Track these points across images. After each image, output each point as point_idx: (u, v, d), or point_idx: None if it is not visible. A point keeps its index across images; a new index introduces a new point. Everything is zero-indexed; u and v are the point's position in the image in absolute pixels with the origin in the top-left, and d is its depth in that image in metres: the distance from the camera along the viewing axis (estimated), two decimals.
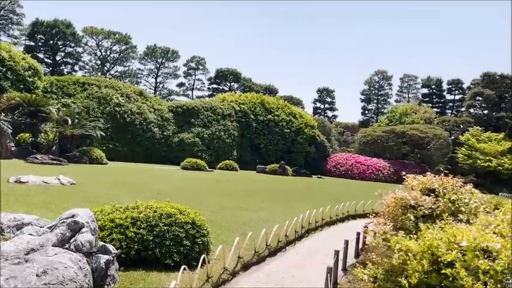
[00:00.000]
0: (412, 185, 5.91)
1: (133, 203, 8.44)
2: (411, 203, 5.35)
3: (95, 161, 30.57)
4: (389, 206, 5.59)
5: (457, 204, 5.24)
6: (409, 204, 5.40)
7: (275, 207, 15.99)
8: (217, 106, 47.07)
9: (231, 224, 11.71)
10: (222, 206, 14.88)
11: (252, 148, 47.91)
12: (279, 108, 50.75)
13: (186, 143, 42.18)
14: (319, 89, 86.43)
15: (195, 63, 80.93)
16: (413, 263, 3.65)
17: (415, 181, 5.95)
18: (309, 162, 49.31)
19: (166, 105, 46.39)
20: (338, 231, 14.17)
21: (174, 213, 7.98)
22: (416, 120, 65.70)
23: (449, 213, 5.07)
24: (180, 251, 7.55)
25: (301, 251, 10.82)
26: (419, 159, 56.00)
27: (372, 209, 19.11)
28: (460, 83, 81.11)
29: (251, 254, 9.07)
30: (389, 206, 5.62)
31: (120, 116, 40.52)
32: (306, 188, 26.18)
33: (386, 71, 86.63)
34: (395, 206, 5.49)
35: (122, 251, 7.23)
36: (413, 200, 5.32)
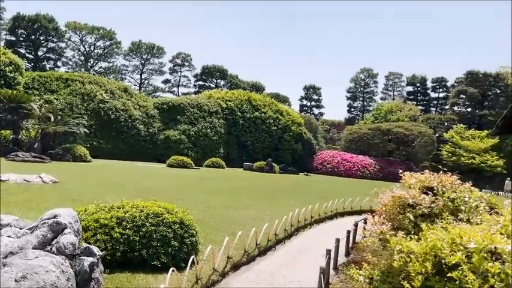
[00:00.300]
0: (410, 183, 5.76)
1: (118, 202, 8.14)
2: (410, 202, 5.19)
3: (79, 159, 29.95)
4: (387, 205, 5.43)
5: (457, 202, 5.11)
6: (407, 203, 5.25)
7: (263, 205, 15.81)
8: (204, 103, 46.64)
9: (219, 223, 11.48)
10: (210, 204, 14.63)
11: (239, 145, 47.65)
12: (266, 106, 50.57)
13: (172, 140, 41.69)
14: (306, 86, 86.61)
15: (180, 59, 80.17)
16: (416, 265, 3.49)
17: (412, 179, 5.80)
18: (296, 160, 49.29)
19: (152, 102, 45.76)
20: (327, 229, 14.06)
21: (162, 212, 7.71)
22: (401, 117, 66.29)
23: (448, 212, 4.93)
24: (167, 251, 7.29)
25: (291, 249, 10.65)
26: (404, 156, 56.50)
27: (360, 206, 19.17)
28: (444, 81, 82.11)
29: (241, 254, 8.86)
30: (386, 204, 5.46)
31: (105, 113, 39.80)
32: (293, 186, 26.07)
33: (372, 69, 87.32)
34: (393, 205, 5.34)
35: (106, 253, 6.94)
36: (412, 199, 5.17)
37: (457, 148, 57.72)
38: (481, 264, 3.04)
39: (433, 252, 3.52)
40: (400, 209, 5.31)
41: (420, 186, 5.51)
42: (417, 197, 5.17)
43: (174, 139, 41.77)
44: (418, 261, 3.50)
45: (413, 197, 5.19)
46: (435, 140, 57.18)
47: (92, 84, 41.71)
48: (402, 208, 5.29)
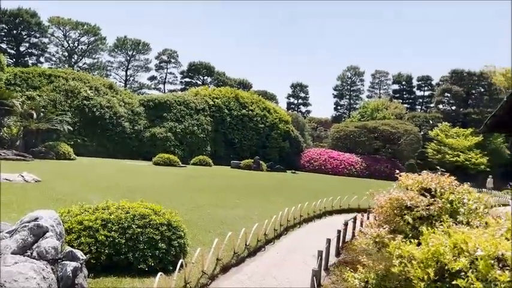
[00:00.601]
0: (407, 184, 5.61)
1: (103, 203, 7.85)
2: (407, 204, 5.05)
3: (62, 157, 29.35)
4: (383, 206, 5.27)
5: (455, 204, 4.98)
6: (404, 205, 5.10)
7: (252, 204, 15.62)
8: (191, 100, 46.18)
9: (207, 223, 11.25)
10: (197, 203, 14.37)
11: (226, 143, 47.36)
12: (254, 103, 50.34)
13: (158, 138, 41.17)
14: (293, 84, 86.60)
15: (167, 56, 79.32)
16: (418, 272, 3.34)
17: (409, 180, 5.65)
18: (283, 158, 49.23)
19: (138, 99, 45.12)
20: (316, 228, 13.95)
21: (148, 214, 7.46)
22: (387, 115, 66.77)
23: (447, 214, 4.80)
24: (155, 254, 7.04)
25: (280, 250, 10.49)
26: (390, 154, 56.90)
27: (348, 204, 19.13)
28: (430, 80, 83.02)
29: (230, 255, 8.65)
30: (383, 206, 5.30)
31: (89, 110, 39.07)
32: (281, 184, 25.95)
33: (358, 67, 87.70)
34: (390, 207, 5.18)
35: (91, 256, 6.67)
36: (410, 201, 5.02)
37: (442, 146, 58.41)
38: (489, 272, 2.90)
39: (435, 257, 3.38)
40: (397, 211, 5.16)
41: (418, 187, 5.36)
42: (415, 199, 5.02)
43: (160, 137, 41.26)
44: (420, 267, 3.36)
45: (411, 199, 5.04)
46: (420, 138, 57.75)
47: (76, 80, 40.91)
48: (399, 210, 5.15)
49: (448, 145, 57.77)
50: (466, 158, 55.52)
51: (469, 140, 57.20)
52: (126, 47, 74.35)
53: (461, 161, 55.40)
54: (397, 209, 5.16)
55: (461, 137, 58.40)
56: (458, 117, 67.65)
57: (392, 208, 5.19)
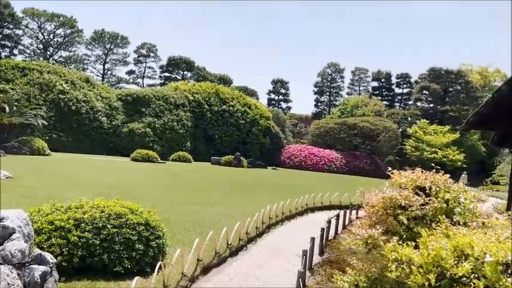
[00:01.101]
0: (400, 182, 5.38)
1: (77, 202, 7.40)
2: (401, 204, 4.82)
3: (37, 152, 28.35)
4: (376, 206, 5.03)
5: (451, 204, 4.79)
6: (398, 205, 4.88)
7: (233, 201, 15.30)
8: (170, 95, 45.36)
9: (187, 222, 10.87)
10: (177, 201, 13.97)
11: (207, 139, 46.79)
12: (234, 99, 49.87)
13: (136, 133, 40.28)
14: (274, 80, 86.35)
15: (145, 50, 77.82)
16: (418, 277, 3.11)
17: (402, 178, 5.42)
18: (264, 154, 49.00)
19: (115, 93, 43.98)
20: (298, 226, 13.76)
21: (125, 213, 7.06)
22: (366, 112, 67.35)
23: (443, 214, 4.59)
24: (131, 256, 6.65)
25: (263, 248, 10.22)
26: (369, 150, 57.38)
27: (329, 201, 19.04)
28: (408, 77, 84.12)
29: (211, 255, 8.33)
30: (374, 206, 5.06)
31: (65, 104, 37.88)
32: (262, 180, 25.70)
33: (338, 64, 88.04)
34: (383, 207, 4.95)
35: (62, 259, 6.24)
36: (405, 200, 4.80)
37: (420, 143, 59.28)
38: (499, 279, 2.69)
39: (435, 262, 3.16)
40: (390, 211, 4.94)
41: (412, 186, 5.14)
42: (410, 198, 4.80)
43: (139, 132, 40.40)
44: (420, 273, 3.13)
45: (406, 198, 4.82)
46: (399, 135, 58.44)
47: (51, 73, 39.58)
48: (393, 210, 4.92)
49: (426, 142, 58.67)
50: (443, 155, 56.51)
51: (446, 137, 58.23)
52: (103, 40, 72.52)
53: (439, 157, 56.32)
54: (390, 208, 4.93)
55: (439, 134, 59.40)
56: (436, 115, 68.76)
57: (384, 208, 4.95)
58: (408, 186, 5.16)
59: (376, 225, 4.94)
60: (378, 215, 5.03)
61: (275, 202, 16.33)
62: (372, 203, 5.20)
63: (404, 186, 5.22)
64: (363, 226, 5.06)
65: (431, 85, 68.88)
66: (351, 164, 51.69)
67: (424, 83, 71.81)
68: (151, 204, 12.69)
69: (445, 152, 56.66)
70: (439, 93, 68.80)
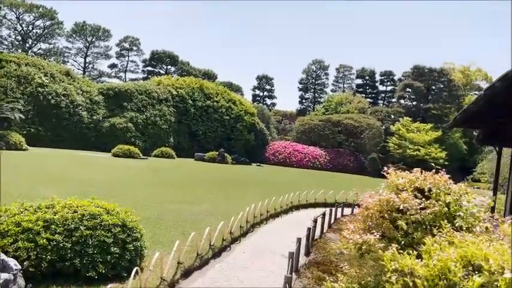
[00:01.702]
0: (398, 183, 5.02)
1: (47, 201, 6.88)
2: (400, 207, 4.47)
3: (13, 147, 27.33)
4: (371, 209, 4.68)
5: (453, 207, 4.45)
6: (396, 208, 4.53)
7: (216, 199, 14.88)
8: (153, 90, 44.52)
9: (168, 221, 10.41)
10: (158, 199, 13.47)
11: (190, 135, 46.14)
12: (219, 94, 49.30)
13: (117, 128, 39.39)
14: (259, 76, 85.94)
15: (128, 43, 76.35)
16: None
17: (400, 179, 5.06)
18: (248, 150, 48.65)
19: (96, 87, 42.91)
20: (283, 224, 13.43)
21: (100, 213, 6.57)
22: (350, 109, 67.51)
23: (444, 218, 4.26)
24: (106, 260, 6.17)
25: (247, 248, 9.83)
26: (353, 147, 57.53)
27: (314, 198, 18.77)
28: (392, 75, 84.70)
29: (193, 257, 7.90)
30: (369, 208, 4.70)
31: (44, 98, 36.75)
32: (246, 177, 25.30)
33: (323, 61, 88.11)
34: (379, 210, 4.59)
35: (29, 264, 5.74)
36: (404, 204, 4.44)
37: (403, 140, 59.68)
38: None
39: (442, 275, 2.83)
40: (387, 214, 4.59)
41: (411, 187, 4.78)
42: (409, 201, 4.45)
43: (120, 127, 39.52)
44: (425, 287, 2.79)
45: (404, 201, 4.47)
46: (383, 132, 58.76)
47: (30, 66, 38.31)
48: (390, 214, 4.57)
49: (409, 139, 59.11)
50: (426, 153, 57.02)
51: (429, 135, 58.78)
52: (85, 33, 70.82)
53: (422, 155, 56.82)
54: (387, 212, 4.58)
55: (421, 132, 59.91)
56: (418, 113, 69.37)
57: (380, 211, 4.60)
58: (406, 187, 4.82)
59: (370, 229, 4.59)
60: (373, 219, 4.68)
61: (260, 199, 15.97)
62: (366, 205, 4.85)
63: (402, 188, 4.87)
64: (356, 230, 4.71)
65: (414, 83, 69.41)
66: (334, 161, 51.75)
67: (407, 80, 72.31)
68: (132, 202, 12.20)
69: (428, 149, 57.20)
70: (422, 91, 69.39)
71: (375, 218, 4.67)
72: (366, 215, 4.79)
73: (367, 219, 4.77)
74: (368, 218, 4.75)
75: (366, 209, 4.83)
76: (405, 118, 63.09)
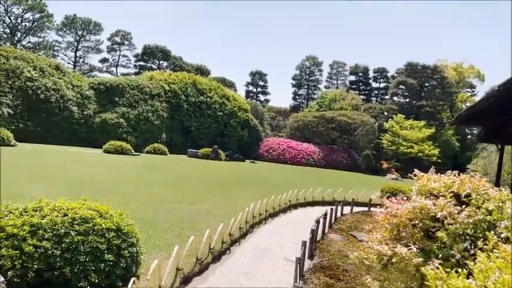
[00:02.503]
0: (431, 187, 4.51)
1: (35, 203, 6.32)
2: (436, 215, 3.97)
3: (1, 143, 26.47)
4: (401, 216, 4.17)
5: (495, 215, 3.97)
6: (431, 217, 4.03)
7: (213, 198, 14.36)
8: (145, 85, 43.72)
9: (164, 222, 9.88)
10: (153, 198, 12.91)
11: (183, 131, 45.46)
12: (212, 90, 48.62)
13: (109, 124, 38.60)
14: (252, 72, 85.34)
15: (120, 37, 75.14)
16: None
17: (434, 182, 4.54)
18: (242, 147, 48.15)
19: (87, 82, 41.94)
20: (283, 224, 12.98)
21: (92, 216, 6.03)
22: (344, 106, 67.29)
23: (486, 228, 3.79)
24: (99, 268, 5.64)
25: (247, 251, 9.35)
26: (347, 144, 57.33)
27: (312, 197, 18.35)
28: (385, 72, 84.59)
29: (192, 262, 7.40)
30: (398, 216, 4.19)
31: (33, 92, 35.76)
32: (242, 175, 24.80)
33: (317, 57, 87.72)
34: (411, 218, 4.09)
35: (14, 273, 5.19)
36: (442, 211, 3.93)
37: (396, 137, 59.61)
38: None
39: None
40: (422, 223, 4.09)
41: (448, 192, 4.27)
42: (449, 209, 3.95)
43: (112, 123, 38.73)
44: None
45: (442, 209, 3.97)
46: (376, 129, 58.58)
47: (18, 59, 37.25)
48: (424, 222, 4.07)
49: (402, 136, 59.05)
50: (419, 150, 57.00)
51: (422, 132, 58.75)
52: (75, 26, 69.46)
53: (415, 152, 56.81)
54: (421, 220, 4.09)
55: (415, 129, 59.88)
56: (412, 110, 69.36)
57: (411, 219, 4.09)
58: (443, 192, 4.31)
59: (400, 239, 4.11)
60: (404, 228, 4.17)
61: (257, 198, 15.50)
62: (394, 212, 4.34)
63: (438, 193, 4.38)
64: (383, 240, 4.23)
65: (408, 80, 69.35)
66: (328, 158, 51.45)
67: (401, 77, 72.23)
68: (125, 201, 11.64)
69: (421, 146, 57.19)
70: (416, 88, 69.38)
71: (407, 227, 4.17)
72: (394, 224, 4.30)
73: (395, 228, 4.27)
74: (396, 226, 4.26)
75: (392, 216, 4.34)
76: (398, 115, 63.02)
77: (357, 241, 10.98)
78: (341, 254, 9.19)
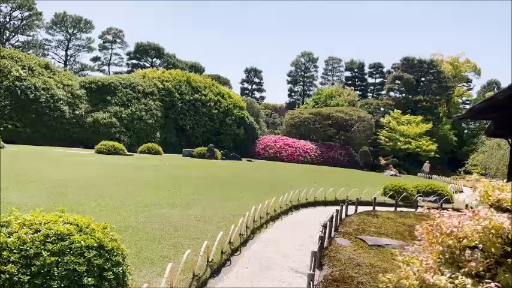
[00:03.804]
0: (499, 198, 3.63)
1: (3, 216, 5.38)
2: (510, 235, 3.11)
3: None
4: (465, 237, 3.24)
5: None
6: (506, 238, 3.17)
7: (210, 201, 13.46)
8: (138, 83, 42.68)
9: (157, 230, 8.97)
10: (145, 202, 11.99)
11: (178, 130, 44.49)
12: (207, 88, 47.65)
13: (101, 124, 37.59)
14: (247, 68, 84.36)
15: (111, 35, 73.92)
16: None
17: (498, 192, 3.63)
18: (238, 145, 47.28)
19: (78, 81, 40.82)
20: (285, 228, 12.12)
21: (69, 232, 5.10)
22: (340, 102, 66.60)
23: None
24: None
25: (249, 261, 8.47)
26: (343, 141, 56.64)
27: (314, 197, 17.50)
28: (381, 67, 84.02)
29: (188, 279, 6.49)
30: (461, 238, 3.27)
31: (22, 92, 34.69)
32: (239, 174, 23.90)
33: (312, 53, 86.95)
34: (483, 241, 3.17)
35: None
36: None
37: (393, 133, 59.00)
38: None
39: None
40: (494, 248, 3.20)
41: None
42: None
43: (104, 122, 37.72)
44: None
45: None
46: (373, 125, 57.94)
47: (6, 58, 36.11)
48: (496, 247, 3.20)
49: (400, 132, 58.45)
50: (417, 145, 56.42)
51: (419, 127, 58.17)
52: (65, 24, 68.10)
53: (413, 148, 56.24)
54: (493, 245, 3.19)
55: (412, 124, 59.29)
56: (408, 105, 68.80)
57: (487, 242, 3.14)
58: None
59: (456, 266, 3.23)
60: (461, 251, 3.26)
61: (256, 199, 14.67)
62: (450, 230, 3.41)
63: (508, 204, 3.48)
64: (437, 267, 3.33)
65: (404, 75, 68.76)
66: (325, 155, 50.71)
67: (397, 72, 71.64)
68: (114, 206, 10.74)
69: (419, 142, 56.61)
70: (412, 83, 68.81)
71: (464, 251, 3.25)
72: (449, 245, 3.39)
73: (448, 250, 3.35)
74: (452, 248, 3.34)
75: (445, 234, 3.42)
76: (395, 110, 62.42)
77: (367, 246, 10.15)
78: (353, 262, 8.33)
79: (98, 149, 29.66)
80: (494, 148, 30.97)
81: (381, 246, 10.17)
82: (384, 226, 13.06)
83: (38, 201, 10.50)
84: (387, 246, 10.22)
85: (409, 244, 11.03)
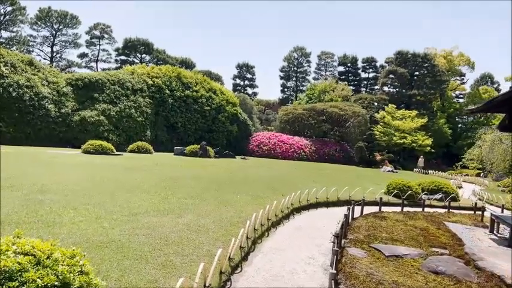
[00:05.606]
0: None
1: None
2: None
3: None
4: None
5: None
6: None
7: (204, 206, 12.22)
8: (126, 79, 41.18)
9: (144, 244, 7.72)
10: (132, 209, 10.71)
11: (168, 127, 43.11)
12: (198, 84, 46.27)
13: (88, 122, 36.10)
14: (239, 64, 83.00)
15: (99, 31, 71.99)
16: None
17: None
18: (231, 142, 46.07)
19: (64, 78, 39.22)
20: (288, 235, 10.96)
21: (23, 267, 3.84)
22: (334, 97, 65.68)
23: None
24: None
25: (253, 282, 7.27)
26: (338, 136, 55.76)
27: (316, 198, 16.39)
28: (374, 61, 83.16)
29: None
30: None
31: (4, 90, 33.09)
32: (233, 173, 22.66)
33: (305, 48, 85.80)
34: None
35: None
36: None
37: (388, 128, 58.23)
38: None
39: None
40: None
41: None
42: None
43: (92, 121, 36.23)
44: None
45: None
46: (368, 120, 57.12)
47: None
48: None
49: (395, 127, 57.69)
50: (412, 140, 55.70)
51: (415, 122, 57.46)
52: (51, 20, 66.03)
53: (408, 143, 55.51)
54: None
55: (407, 119, 58.55)
56: (403, 99, 68.10)
57: None
58: None
59: None
60: None
61: (253, 201, 13.54)
62: None
63: None
64: None
65: (398, 69, 67.98)
66: (320, 151, 49.73)
67: (391, 66, 70.85)
68: (96, 215, 9.48)
69: (414, 136, 55.90)
70: (406, 77, 68.06)
71: None
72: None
73: None
74: None
75: None
76: (390, 105, 61.63)
77: (384, 257, 9.01)
78: (373, 279, 7.18)
79: (85, 149, 28.24)
80: (496, 142, 30.11)
81: (399, 256, 9.04)
82: (395, 230, 11.96)
83: (10, 212, 9.22)
84: (405, 256, 9.10)
85: (427, 252, 9.97)
